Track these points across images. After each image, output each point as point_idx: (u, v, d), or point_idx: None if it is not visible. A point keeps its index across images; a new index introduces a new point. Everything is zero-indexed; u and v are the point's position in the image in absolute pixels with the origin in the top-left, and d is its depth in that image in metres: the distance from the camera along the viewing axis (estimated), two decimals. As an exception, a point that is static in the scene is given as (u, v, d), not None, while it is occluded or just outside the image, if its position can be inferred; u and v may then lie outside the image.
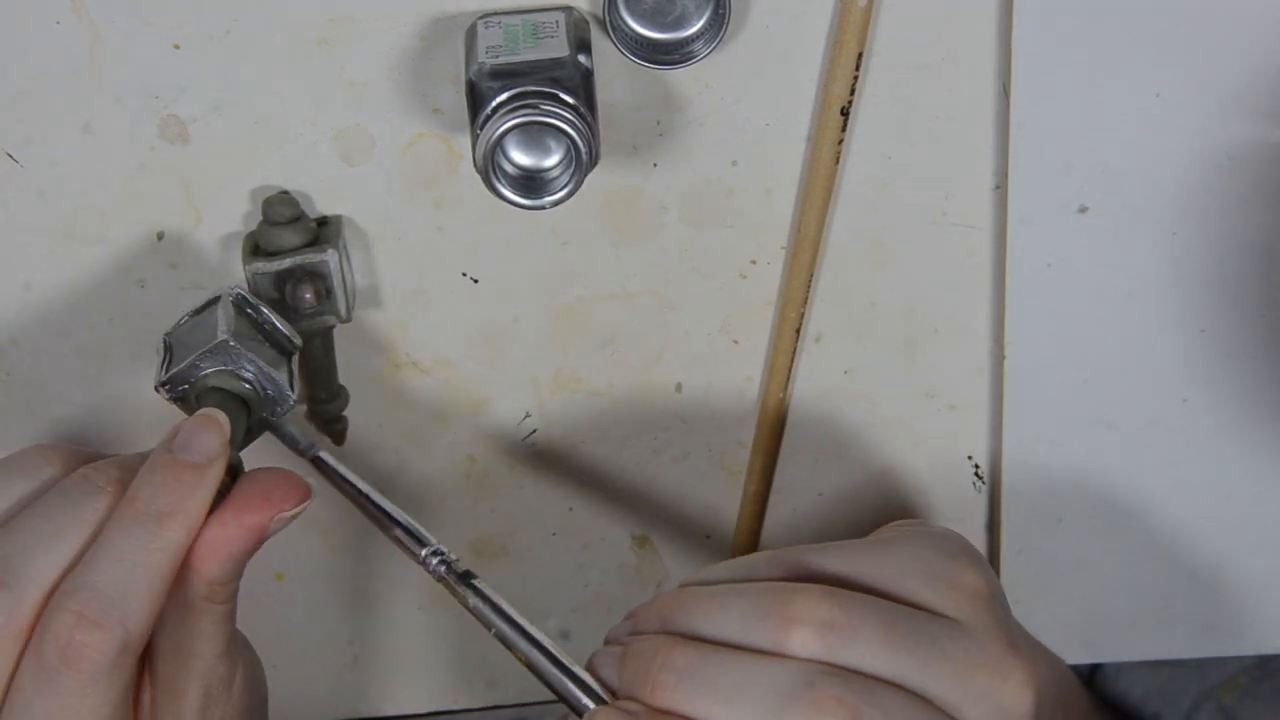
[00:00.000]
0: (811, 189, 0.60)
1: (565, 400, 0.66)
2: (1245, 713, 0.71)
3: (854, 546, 0.53)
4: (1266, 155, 0.58)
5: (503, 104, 0.53)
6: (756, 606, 0.49)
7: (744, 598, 0.50)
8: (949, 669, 0.48)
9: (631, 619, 0.53)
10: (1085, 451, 0.65)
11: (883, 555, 0.52)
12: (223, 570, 0.48)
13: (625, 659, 0.50)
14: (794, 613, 0.48)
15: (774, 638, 0.48)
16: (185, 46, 0.56)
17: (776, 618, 0.48)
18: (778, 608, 0.49)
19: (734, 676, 0.47)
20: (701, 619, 0.50)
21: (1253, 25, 0.56)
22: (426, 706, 0.74)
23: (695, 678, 0.48)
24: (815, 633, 0.48)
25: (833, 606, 0.48)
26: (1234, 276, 0.61)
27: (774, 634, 0.48)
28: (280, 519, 0.48)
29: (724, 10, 0.53)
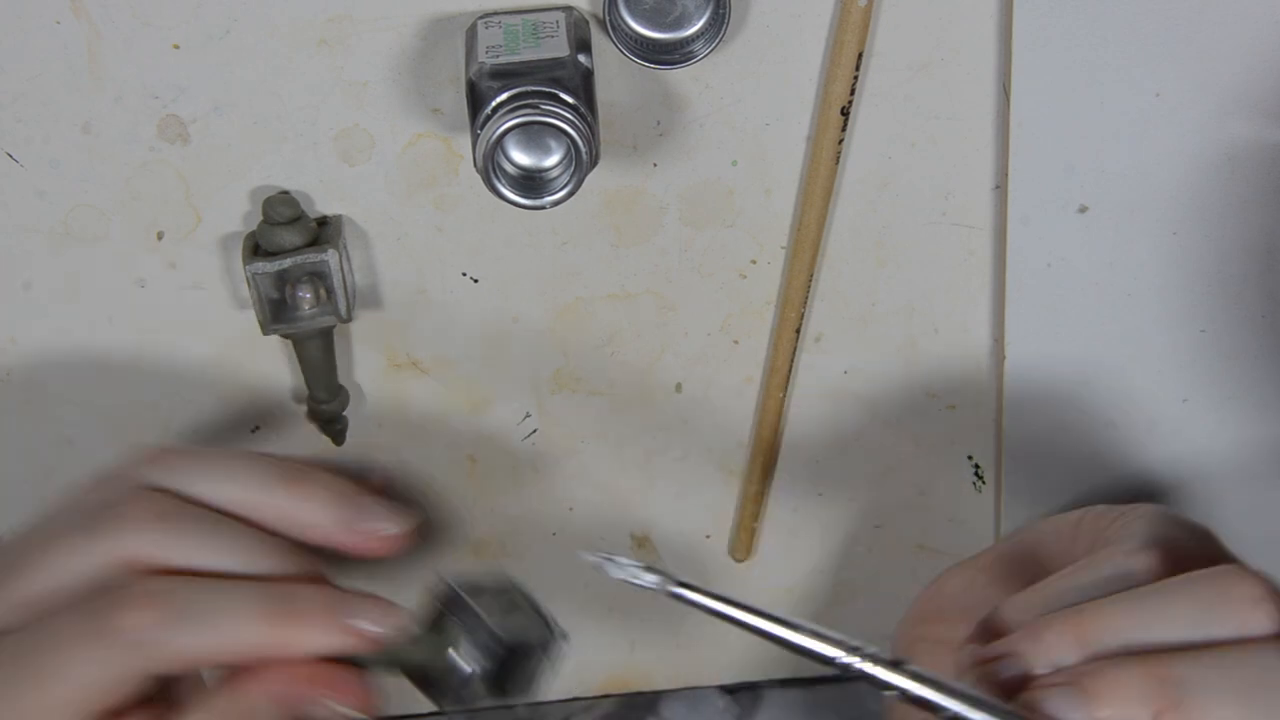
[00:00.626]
0: (811, 189, 0.60)
1: (565, 400, 0.66)
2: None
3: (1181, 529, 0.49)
4: (1266, 155, 0.58)
5: (503, 104, 0.53)
6: (1202, 598, 0.45)
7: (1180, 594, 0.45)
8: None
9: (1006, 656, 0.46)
10: (1084, 451, 0.65)
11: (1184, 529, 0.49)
12: (255, 707, 0.47)
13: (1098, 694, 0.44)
14: (1244, 593, 0.45)
15: (1237, 624, 0.45)
16: (185, 47, 0.56)
17: (1228, 603, 0.45)
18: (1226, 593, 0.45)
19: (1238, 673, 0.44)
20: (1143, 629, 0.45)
21: (1253, 25, 0.56)
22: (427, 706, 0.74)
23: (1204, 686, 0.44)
24: (1268, 607, 0.45)
25: (1259, 581, 0.45)
26: (1234, 276, 0.61)
27: (1236, 620, 0.45)
28: (323, 704, 0.48)
29: (724, 10, 0.53)
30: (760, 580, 0.71)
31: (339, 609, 0.48)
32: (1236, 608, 0.45)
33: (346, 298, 0.59)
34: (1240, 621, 0.45)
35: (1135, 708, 0.43)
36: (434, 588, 0.50)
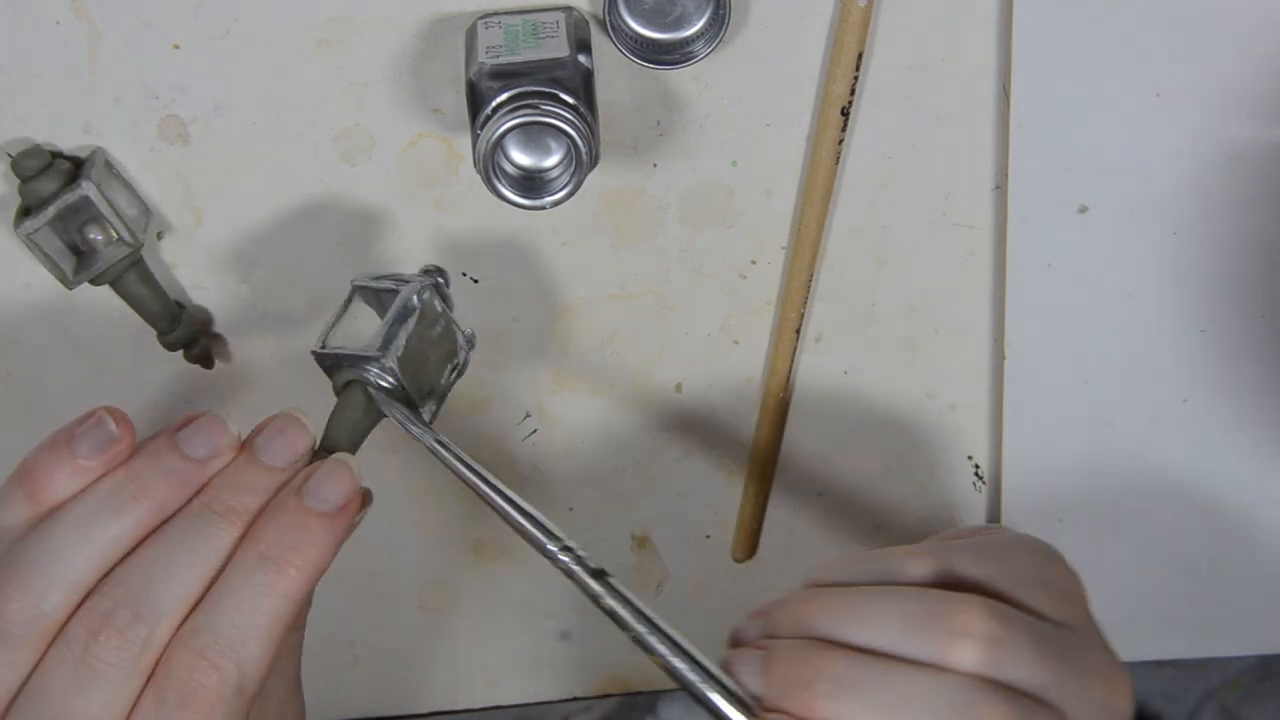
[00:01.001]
0: (811, 189, 0.60)
1: (566, 401, 0.66)
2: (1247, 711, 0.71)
3: (985, 548, 0.50)
4: (1266, 155, 0.58)
5: (503, 104, 0.53)
6: (914, 614, 0.46)
7: (898, 603, 0.47)
8: (1078, 681, 0.47)
9: (762, 619, 0.50)
10: (1085, 451, 0.65)
11: (1012, 563, 0.50)
12: (311, 587, 0.47)
13: (771, 665, 0.47)
14: (957, 625, 0.46)
15: (936, 649, 0.46)
16: (185, 47, 0.56)
17: (938, 628, 0.46)
18: (939, 618, 0.46)
19: (896, 689, 0.45)
20: (853, 625, 0.47)
21: (1253, 26, 0.56)
22: (426, 706, 0.74)
23: (855, 688, 0.45)
24: (979, 647, 0.46)
25: (995, 620, 0.46)
26: (1234, 277, 0.61)
27: (936, 645, 0.46)
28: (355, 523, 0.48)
29: (724, 10, 0.53)
30: (761, 580, 0.71)
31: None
32: (940, 634, 0.46)
33: (124, 222, 0.57)
34: (938, 647, 0.46)
35: (795, 689, 0.46)
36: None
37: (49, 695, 0.44)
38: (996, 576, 0.49)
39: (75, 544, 0.45)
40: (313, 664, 0.72)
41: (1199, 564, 0.68)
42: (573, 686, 0.75)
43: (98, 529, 0.45)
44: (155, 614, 0.45)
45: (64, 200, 0.56)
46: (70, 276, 0.57)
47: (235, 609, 0.45)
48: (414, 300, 0.54)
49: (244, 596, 0.45)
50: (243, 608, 0.45)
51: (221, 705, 0.44)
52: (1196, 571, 0.68)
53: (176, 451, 0.47)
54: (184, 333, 0.61)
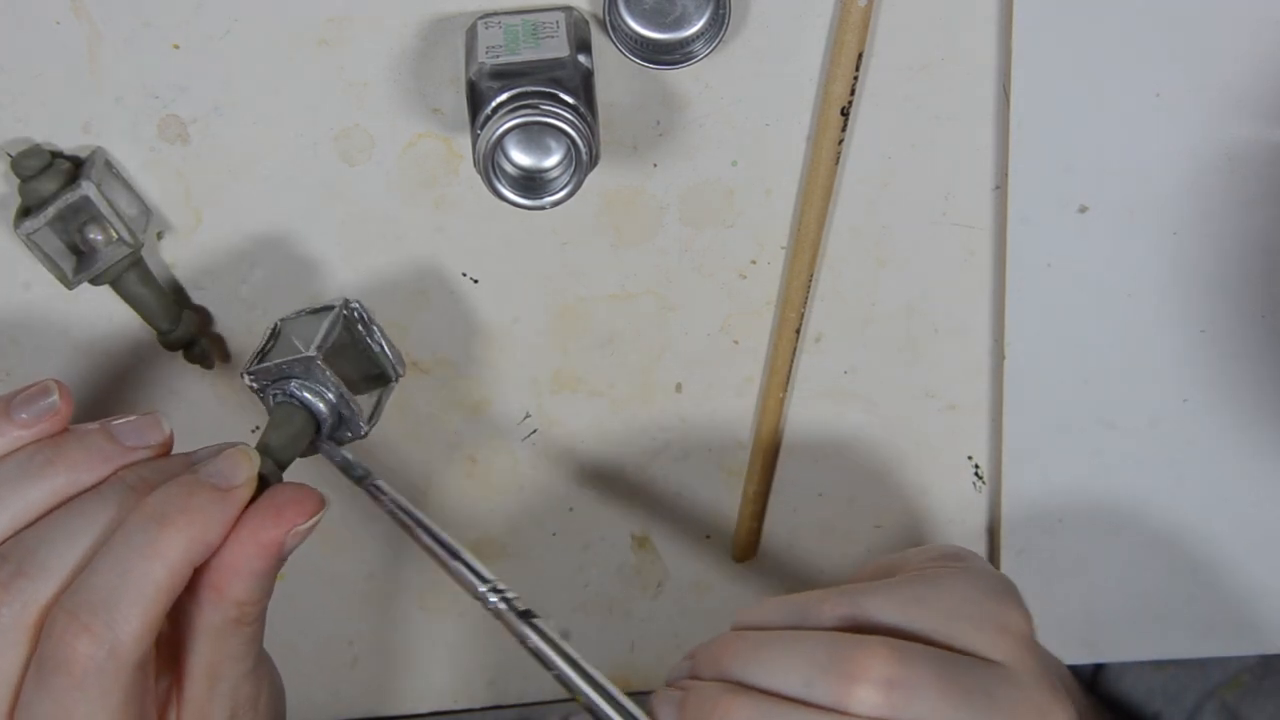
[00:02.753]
0: (811, 189, 0.60)
1: (565, 400, 0.66)
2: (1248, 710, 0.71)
3: (903, 587, 0.51)
4: (1266, 155, 0.58)
5: (503, 104, 0.53)
6: (816, 659, 0.48)
7: (803, 648, 0.48)
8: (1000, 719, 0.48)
9: (690, 660, 0.52)
10: (1085, 451, 0.65)
11: (934, 598, 0.50)
12: (247, 590, 0.47)
13: (684, 707, 0.49)
14: (857, 670, 0.47)
15: (835, 694, 0.47)
16: (185, 47, 0.56)
17: (838, 674, 0.47)
18: (839, 663, 0.47)
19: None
20: (758, 669, 0.49)
21: (1253, 25, 0.56)
22: (426, 707, 0.74)
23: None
24: (877, 690, 0.47)
25: (894, 663, 0.47)
26: (1234, 277, 0.61)
27: (836, 690, 0.47)
28: (295, 533, 0.48)
29: (724, 10, 0.53)
30: (761, 581, 0.71)
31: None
32: (840, 679, 0.47)
33: (124, 222, 0.57)
34: (838, 692, 0.47)
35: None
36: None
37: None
38: (912, 616, 0.49)
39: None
40: (312, 664, 0.72)
41: (1199, 564, 0.68)
42: (573, 686, 0.75)
43: (10, 490, 0.46)
44: (41, 572, 0.45)
45: (64, 200, 0.56)
46: (70, 276, 0.57)
47: (109, 569, 0.45)
48: (336, 315, 0.55)
49: (119, 557, 0.45)
50: (117, 568, 0.45)
51: (94, 671, 0.44)
52: (1196, 571, 0.68)
53: (105, 434, 0.48)
54: (184, 333, 0.61)
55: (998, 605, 0.51)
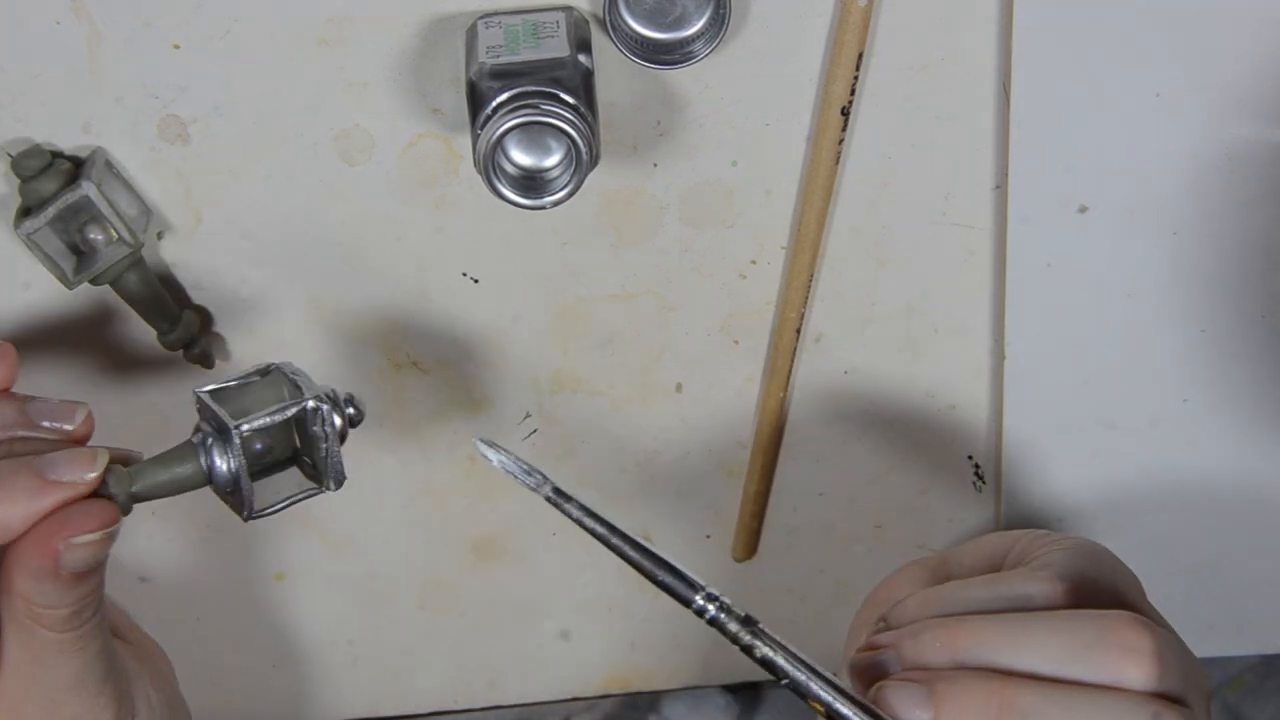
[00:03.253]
0: (811, 189, 0.60)
1: (565, 400, 0.66)
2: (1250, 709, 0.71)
3: (1087, 564, 0.49)
4: (1266, 155, 0.58)
5: (503, 104, 0.53)
6: (1081, 637, 0.46)
7: (1063, 626, 0.46)
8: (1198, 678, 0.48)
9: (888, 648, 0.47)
10: (1085, 451, 0.65)
11: (1113, 572, 0.49)
12: (29, 587, 0.45)
13: (944, 699, 0.45)
14: (1127, 643, 0.45)
15: (1110, 671, 0.45)
16: (185, 47, 0.56)
17: (1108, 648, 0.45)
18: (1107, 636, 0.46)
19: (1084, 714, 0.44)
20: (1018, 652, 0.46)
21: (1253, 25, 0.56)
22: (426, 707, 0.74)
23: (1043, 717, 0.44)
24: (1148, 664, 0.45)
25: (1154, 636, 0.46)
26: (1234, 276, 0.61)
27: (1110, 667, 0.45)
28: (72, 544, 0.45)
29: (724, 10, 0.53)
30: (761, 580, 0.71)
31: (39, 469, 0.47)
32: (1112, 655, 0.45)
33: (125, 222, 0.57)
34: (1112, 669, 0.45)
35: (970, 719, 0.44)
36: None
37: None
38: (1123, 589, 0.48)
39: None
40: (312, 664, 0.72)
41: (1199, 564, 0.68)
42: (573, 686, 0.75)
43: None
44: None
45: (64, 200, 0.56)
46: (70, 276, 0.57)
47: None
48: (300, 410, 0.50)
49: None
50: None
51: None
52: (1196, 571, 0.68)
53: (17, 405, 0.49)
54: (184, 333, 0.61)
55: (1131, 574, 0.50)
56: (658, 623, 0.72)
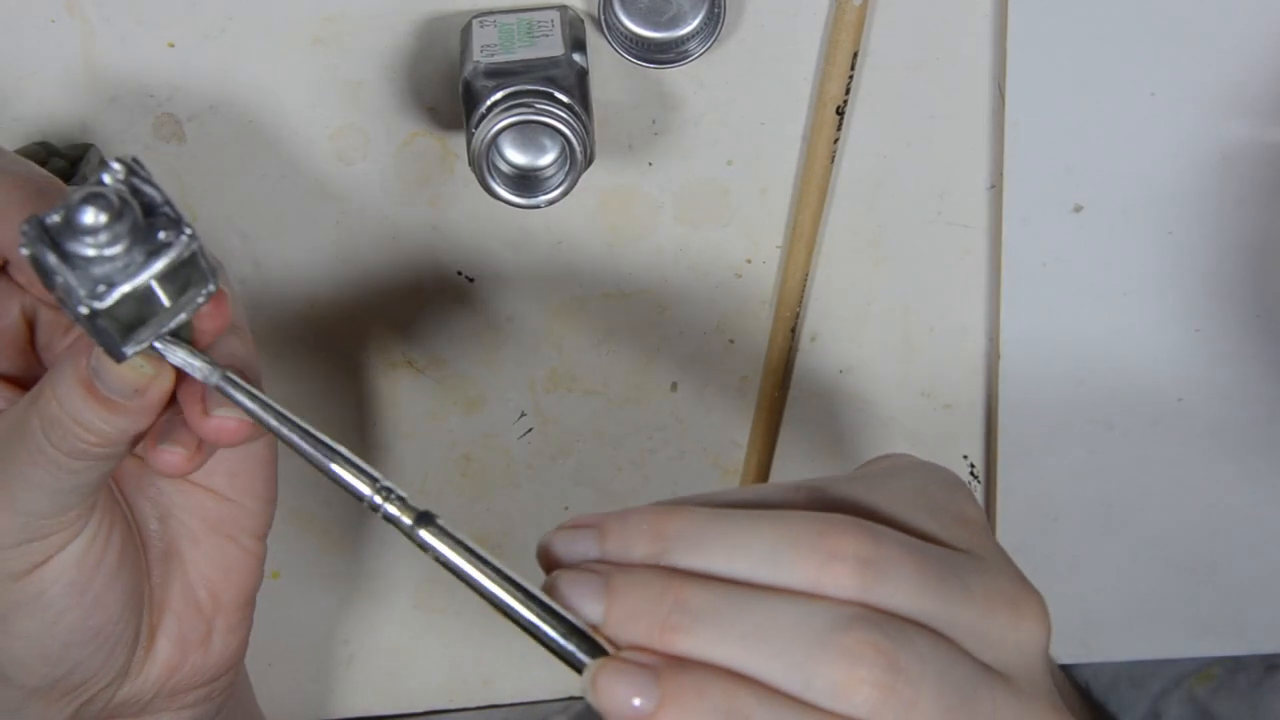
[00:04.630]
0: (807, 188, 0.60)
1: (561, 399, 0.66)
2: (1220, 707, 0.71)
3: (863, 478, 0.45)
4: (1262, 155, 0.58)
5: (497, 103, 0.53)
6: (785, 536, 0.41)
7: (766, 526, 0.42)
8: (974, 608, 0.43)
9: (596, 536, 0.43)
10: (1080, 450, 0.65)
11: (893, 486, 0.45)
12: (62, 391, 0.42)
13: (615, 594, 0.41)
14: (832, 546, 0.41)
15: (807, 574, 0.41)
16: (180, 45, 0.56)
17: (811, 550, 0.41)
18: (811, 538, 0.41)
19: (758, 618, 0.40)
20: (713, 549, 0.41)
21: (1248, 25, 0.56)
22: (422, 705, 0.74)
23: (714, 620, 0.40)
24: (853, 569, 0.41)
25: (870, 541, 0.41)
26: (1229, 276, 0.61)
27: (807, 570, 0.41)
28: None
29: (719, 10, 0.53)
30: (756, 579, 0.71)
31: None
32: (812, 557, 0.41)
33: None
34: (810, 574, 0.41)
35: (640, 619, 0.41)
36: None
37: None
38: (876, 500, 0.44)
39: None
40: (308, 663, 0.72)
41: (1194, 563, 0.68)
42: (569, 686, 0.75)
43: None
44: None
45: None
46: None
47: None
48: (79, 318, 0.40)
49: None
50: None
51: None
52: (1192, 571, 0.68)
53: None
54: None
55: (952, 494, 0.46)
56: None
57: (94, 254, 0.38)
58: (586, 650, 0.42)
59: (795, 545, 0.41)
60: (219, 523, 0.48)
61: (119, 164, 0.39)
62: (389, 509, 0.43)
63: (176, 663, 0.48)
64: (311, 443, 0.42)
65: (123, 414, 0.42)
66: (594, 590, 0.42)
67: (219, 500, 0.48)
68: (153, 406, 0.42)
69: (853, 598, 0.41)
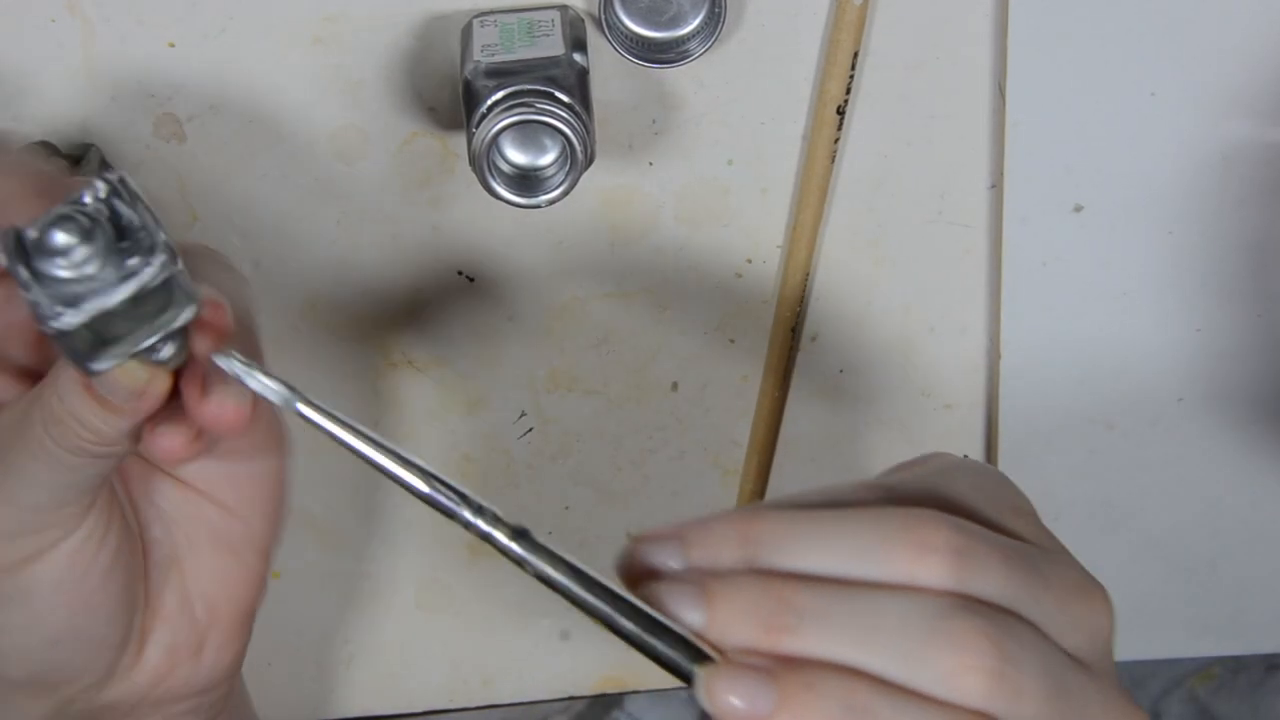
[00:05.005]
0: (807, 188, 0.60)
1: (561, 399, 0.66)
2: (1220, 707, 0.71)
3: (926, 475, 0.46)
4: (1262, 155, 0.58)
5: (498, 102, 0.53)
6: (874, 531, 0.42)
7: (854, 523, 0.42)
8: (1053, 596, 0.43)
9: (680, 544, 0.43)
10: (1080, 450, 0.65)
11: (957, 482, 0.46)
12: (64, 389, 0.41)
13: (716, 600, 0.41)
14: (923, 539, 0.41)
15: (902, 568, 0.41)
16: (180, 45, 0.56)
17: (903, 544, 0.41)
18: (901, 532, 0.41)
19: (864, 615, 0.41)
20: (807, 550, 0.42)
21: (1248, 25, 0.56)
22: (422, 705, 0.74)
23: (821, 617, 0.40)
24: (947, 561, 0.41)
25: (959, 533, 0.42)
26: (1229, 275, 0.61)
27: (901, 563, 0.41)
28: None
29: (719, 9, 0.54)
30: (756, 579, 0.71)
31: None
32: (906, 551, 0.41)
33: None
34: (905, 567, 0.41)
35: (745, 623, 0.41)
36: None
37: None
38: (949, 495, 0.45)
39: None
40: (307, 663, 0.72)
41: (1195, 563, 0.68)
42: (568, 686, 0.75)
43: None
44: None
45: None
46: None
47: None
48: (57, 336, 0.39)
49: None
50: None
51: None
52: (1193, 571, 0.68)
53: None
54: None
55: (1007, 490, 0.47)
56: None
57: (64, 275, 0.38)
58: (693, 658, 0.41)
59: (886, 540, 0.41)
60: (223, 536, 0.48)
61: (103, 183, 0.40)
62: (481, 524, 0.43)
63: (165, 671, 0.48)
64: (396, 461, 0.43)
65: (121, 415, 0.41)
66: (693, 598, 0.41)
67: (224, 513, 0.47)
68: (151, 410, 0.42)
69: (950, 588, 0.41)
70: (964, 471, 0.47)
